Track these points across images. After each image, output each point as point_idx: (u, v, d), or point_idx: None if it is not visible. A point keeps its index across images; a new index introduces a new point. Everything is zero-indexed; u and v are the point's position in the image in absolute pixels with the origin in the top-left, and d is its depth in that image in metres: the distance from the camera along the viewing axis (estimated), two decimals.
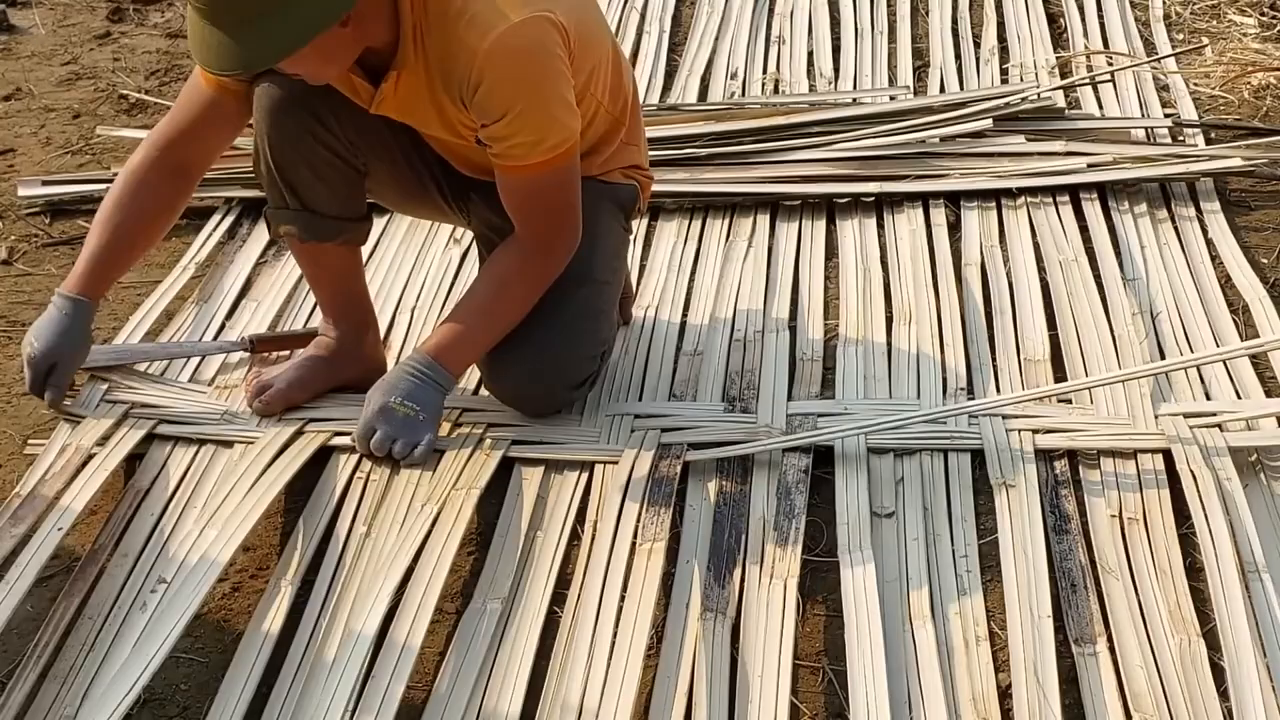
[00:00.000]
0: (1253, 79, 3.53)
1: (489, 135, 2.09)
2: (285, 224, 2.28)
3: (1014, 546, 2.01)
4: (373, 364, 2.40)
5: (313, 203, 2.25)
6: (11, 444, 2.34)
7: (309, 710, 1.76)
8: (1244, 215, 2.95)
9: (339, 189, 2.26)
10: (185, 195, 2.32)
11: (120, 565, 2.00)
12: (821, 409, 2.31)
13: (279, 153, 2.21)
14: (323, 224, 2.27)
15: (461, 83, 2.03)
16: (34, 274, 2.90)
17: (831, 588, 1.99)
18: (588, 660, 1.82)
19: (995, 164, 3.06)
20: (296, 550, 2.02)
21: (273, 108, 2.18)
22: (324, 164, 2.22)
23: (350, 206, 2.29)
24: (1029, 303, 2.62)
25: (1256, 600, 1.90)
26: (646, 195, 2.47)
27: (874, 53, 3.75)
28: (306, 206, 2.25)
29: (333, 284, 2.37)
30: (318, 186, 2.24)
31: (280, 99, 2.17)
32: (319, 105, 2.17)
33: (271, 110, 2.18)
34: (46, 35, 4.14)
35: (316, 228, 2.27)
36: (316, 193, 2.24)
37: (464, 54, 2.01)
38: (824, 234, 2.91)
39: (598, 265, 2.28)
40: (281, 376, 2.31)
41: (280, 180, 2.24)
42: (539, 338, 2.21)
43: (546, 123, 2.08)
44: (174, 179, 2.27)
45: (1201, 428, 2.21)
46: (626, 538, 2.02)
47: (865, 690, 1.77)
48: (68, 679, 1.82)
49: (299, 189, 2.24)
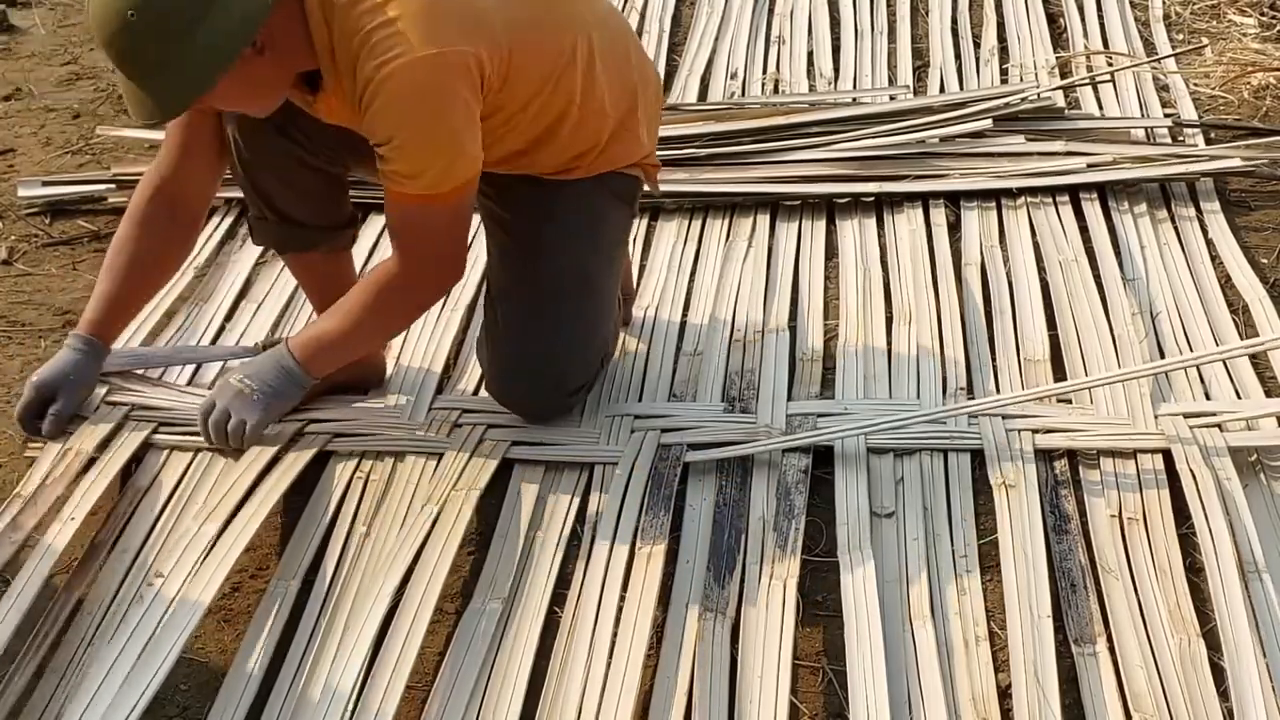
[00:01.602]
0: (1253, 79, 3.53)
1: (378, 154, 2.03)
2: (262, 235, 2.30)
3: (1014, 546, 2.01)
4: (371, 364, 2.40)
5: (289, 213, 2.25)
6: (11, 444, 2.34)
7: (309, 710, 1.76)
8: (1244, 215, 2.95)
9: (313, 197, 2.25)
10: (190, 231, 2.30)
11: (119, 562, 2.00)
12: (821, 409, 2.31)
13: (249, 166, 2.21)
14: (300, 234, 2.27)
15: (360, 101, 1.99)
16: (34, 274, 2.90)
17: (831, 588, 2.00)
18: (587, 660, 1.82)
19: (995, 164, 3.06)
20: (296, 550, 2.02)
21: (240, 123, 2.17)
22: (295, 174, 2.21)
23: (329, 213, 2.29)
24: (1029, 303, 2.62)
25: (1256, 600, 1.90)
26: (654, 178, 2.40)
27: (874, 53, 3.75)
28: (284, 217, 2.25)
29: (322, 290, 2.36)
30: (290, 196, 2.23)
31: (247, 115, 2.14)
32: (283, 118, 2.13)
33: (239, 125, 2.18)
34: (46, 35, 4.14)
35: (294, 238, 2.28)
36: (289, 202, 2.24)
37: (360, 76, 1.96)
38: (824, 234, 2.91)
39: (594, 268, 2.27)
40: None
41: (254, 191, 2.24)
42: (539, 344, 2.21)
43: (426, 160, 2.01)
44: (173, 216, 2.25)
45: (1201, 428, 2.21)
46: (626, 539, 2.02)
47: (865, 690, 1.77)
48: (66, 673, 1.82)
49: (273, 200, 2.24)
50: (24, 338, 2.67)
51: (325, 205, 2.28)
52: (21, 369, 2.56)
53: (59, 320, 2.72)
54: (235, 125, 2.18)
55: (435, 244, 2.11)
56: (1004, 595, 1.93)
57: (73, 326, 2.66)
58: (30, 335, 2.68)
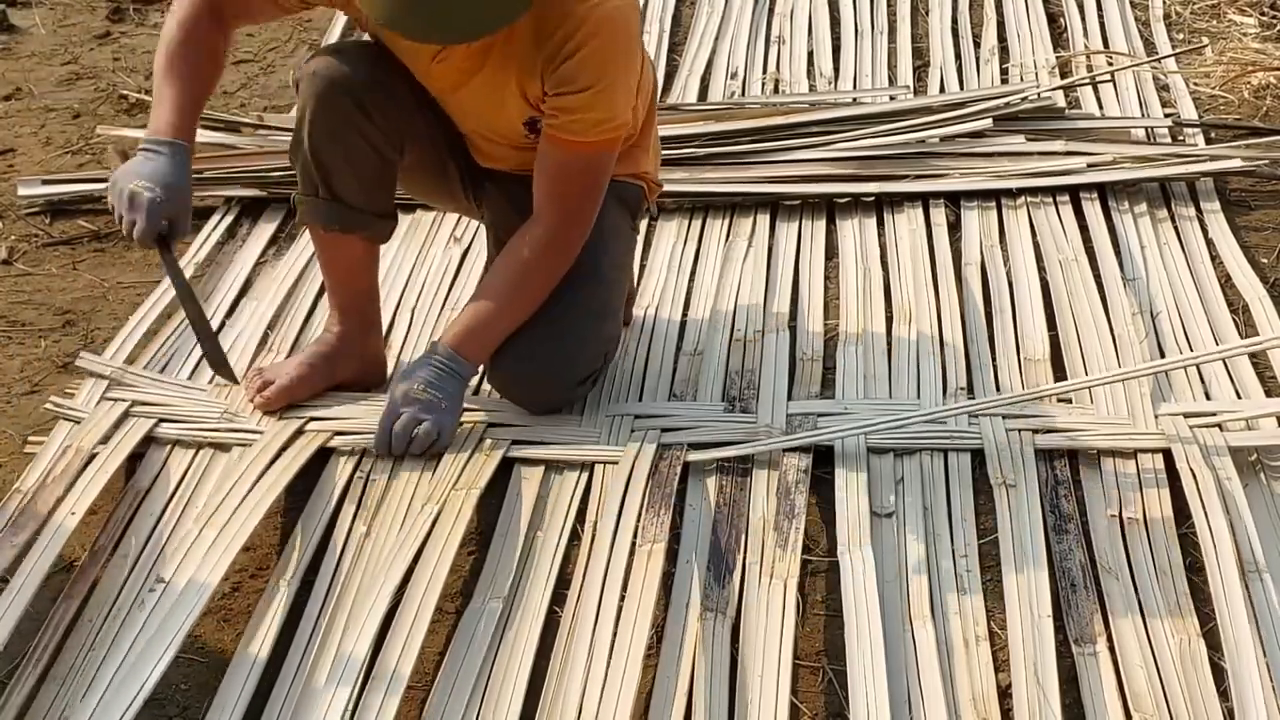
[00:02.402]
0: (1253, 79, 3.53)
1: (558, 105, 2.08)
2: (311, 211, 2.29)
3: (1014, 546, 2.01)
4: (373, 363, 2.41)
5: (341, 192, 2.25)
6: (12, 444, 2.34)
7: (309, 710, 1.76)
8: (1244, 215, 2.95)
9: (368, 181, 2.26)
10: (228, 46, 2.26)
11: (120, 566, 2.00)
12: (821, 409, 2.31)
13: (318, 140, 2.21)
14: (348, 214, 2.27)
15: (554, 47, 2.02)
16: (34, 274, 2.90)
17: (831, 588, 1.99)
18: (588, 660, 1.82)
19: (995, 164, 3.06)
20: (296, 550, 2.02)
21: (319, 95, 2.18)
22: (360, 155, 2.23)
23: (377, 200, 2.30)
24: (1029, 302, 2.62)
25: (1256, 600, 1.90)
26: (653, 198, 2.47)
27: (874, 53, 3.75)
28: (335, 196, 2.25)
29: (347, 276, 2.37)
30: (349, 176, 2.24)
31: (327, 87, 2.17)
32: (364, 96, 2.17)
33: (318, 97, 2.18)
34: (46, 35, 4.14)
35: (342, 217, 2.27)
36: (347, 183, 2.24)
37: (567, 19, 2.01)
38: (824, 234, 2.91)
39: (605, 263, 2.29)
40: (283, 373, 2.31)
41: (315, 167, 2.23)
42: (545, 333, 2.22)
43: (618, 103, 2.10)
44: (220, 30, 2.21)
45: (1201, 427, 2.21)
46: (626, 538, 2.01)
47: (865, 690, 1.77)
48: (67, 680, 1.82)
49: (331, 178, 2.24)
50: (24, 338, 2.67)
51: (376, 192, 2.29)
52: (21, 369, 2.56)
53: (59, 320, 2.73)
54: (316, 100, 2.18)
55: (595, 194, 2.18)
56: (1004, 595, 1.93)
57: (73, 326, 2.69)
58: (30, 335, 2.68)
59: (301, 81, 2.22)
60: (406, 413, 2.16)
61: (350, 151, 2.22)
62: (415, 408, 2.17)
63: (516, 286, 2.20)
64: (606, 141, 2.13)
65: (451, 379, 2.19)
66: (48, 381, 2.52)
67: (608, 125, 2.11)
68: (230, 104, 3.60)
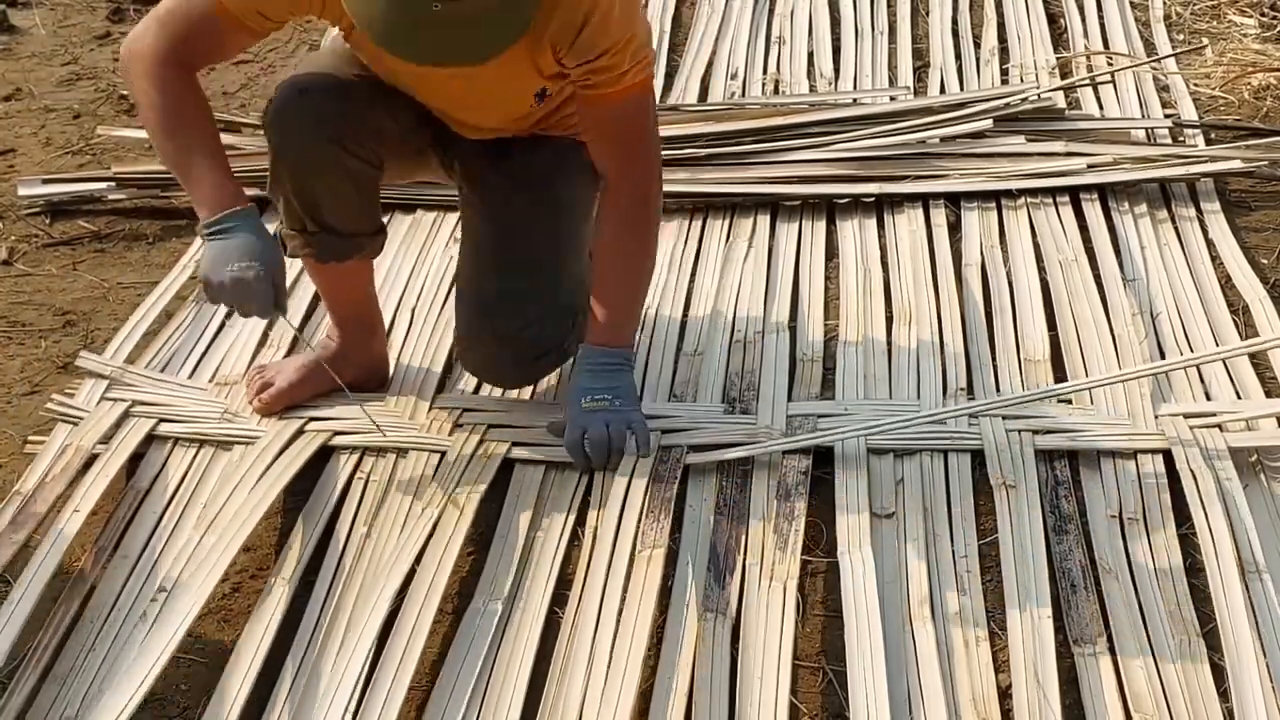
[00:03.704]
0: (1253, 79, 3.53)
1: (589, 69, 2.06)
2: (303, 247, 2.24)
3: (1014, 546, 2.01)
4: (376, 365, 2.41)
5: (331, 222, 2.22)
6: (12, 444, 2.34)
7: (309, 711, 1.76)
8: (1244, 216, 2.95)
9: (356, 205, 2.24)
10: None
11: (120, 567, 2.00)
12: (821, 410, 2.31)
13: (300, 181, 2.17)
14: (340, 243, 2.25)
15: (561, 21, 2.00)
16: (34, 274, 2.90)
17: (831, 588, 2.00)
18: (588, 660, 1.82)
19: (995, 164, 3.06)
20: (296, 550, 2.02)
21: (296, 135, 2.14)
22: (343, 188, 2.20)
23: (366, 221, 2.27)
24: (1029, 303, 2.62)
25: (1256, 600, 1.90)
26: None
27: (874, 53, 3.75)
28: (325, 227, 2.22)
29: (346, 295, 2.36)
30: (335, 207, 2.21)
31: (302, 128, 2.13)
32: (340, 128, 2.13)
33: (295, 138, 2.15)
34: (46, 35, 4.14)
35: (334, 248, 2.25)
36: (334, 213, 2.21)
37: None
38: (824, 234, 2.91)
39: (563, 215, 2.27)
40: (283, 374, 2.31)
41: (300, 205, 2.20)
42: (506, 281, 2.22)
43: (644, 48, 2.11)
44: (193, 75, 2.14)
45: (1201, 428, 2.21)
46: (627, 539, 2.02)
47: (865, 690, 1.77)
48: (68, 680, 1.82)
49: (319, 211, 2.21)
50: (24, 338, 2.67)
51: (365, 213, 2.26)
52: (21, 369, 2.56)
53: (59, 320, 2.72)
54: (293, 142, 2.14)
55: (655, 128, 2.20)
56: (1004, 595, 1.93)
57: (73, 326, 2.69)
58: (30, 335, 2.68)
59: (270, 127, 2.16)
60: (595, 430, 2.15)
61: (334, 185, 2.18)
62: (601, 422, 2.16)
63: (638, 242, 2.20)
64: (646, 76, 2.13)
65: (616, 374, 2.20)
66: (48, 382, 2.52)
67: (643, 62, 2.11)
68: (230, 104, 3.60)
